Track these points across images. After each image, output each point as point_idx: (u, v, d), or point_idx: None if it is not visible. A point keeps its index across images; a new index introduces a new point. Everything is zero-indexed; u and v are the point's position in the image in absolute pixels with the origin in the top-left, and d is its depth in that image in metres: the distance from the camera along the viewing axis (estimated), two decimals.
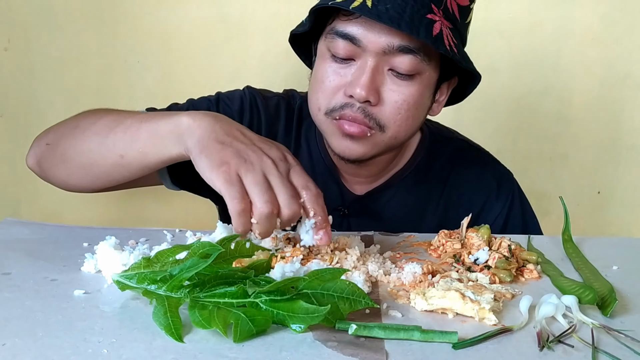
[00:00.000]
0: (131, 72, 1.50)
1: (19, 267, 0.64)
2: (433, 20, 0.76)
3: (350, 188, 0.97)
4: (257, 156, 0.65)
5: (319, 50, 0.85)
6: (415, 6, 0.76)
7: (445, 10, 0.79)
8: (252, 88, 1.00)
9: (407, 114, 0.82)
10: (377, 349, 0.49)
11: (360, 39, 0.78)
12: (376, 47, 0.78)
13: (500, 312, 0.57)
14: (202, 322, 0.50)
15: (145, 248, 0.68)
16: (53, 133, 0.85)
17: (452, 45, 0.78)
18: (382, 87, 0.80)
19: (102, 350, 0.47)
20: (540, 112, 1.54)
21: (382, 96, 0.80)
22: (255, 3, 1.46)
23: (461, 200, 0.97)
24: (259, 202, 0.62)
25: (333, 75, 0.82)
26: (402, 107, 0.81)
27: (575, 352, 0.50)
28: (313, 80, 0.86)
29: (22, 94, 1.51)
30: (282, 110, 0.98)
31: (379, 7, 0.74)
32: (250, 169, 0.63)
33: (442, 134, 1.02)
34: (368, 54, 0.78)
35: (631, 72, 1.50)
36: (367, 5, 0.74)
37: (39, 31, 1.47)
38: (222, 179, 0.62)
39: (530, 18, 1.48)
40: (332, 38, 0.80)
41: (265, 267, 0.60)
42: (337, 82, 0.81)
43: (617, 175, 1.58)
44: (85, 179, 0.81)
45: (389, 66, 0.79)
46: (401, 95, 0.80)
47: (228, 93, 0.98)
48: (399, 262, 0.69)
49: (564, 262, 0.73)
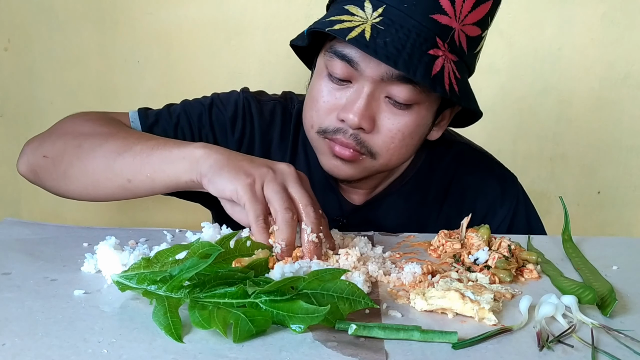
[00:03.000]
0: (131, 72, 1.50)
1: (19, 267, 0.64)
2: (435, 56, 0.74)
3: (349, 198, 0.95)
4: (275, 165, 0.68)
5: (317, 65, 0.84)
6: (417, 40, 0.73)
7: (452, 43, 0.76)
8: (248, 92, 0.97)
9: (401, 143, 0.81)
10: (377, 349, 0.49)
11: (359, 63, 0.76)
12: (374, 74, 0.76)
13: (500, 312, 0.57)
14: (202, 322, 0.50)
15: (145, 248, 0.68)
16: (51, 145, 0.83)
17: (453, 83, 0.75)
18: (378, 114, 0.78)
19: (102, 350, 0.47)
20: (540, 112, 1.54)
21: (376, 123, 0.79)
22: (255, 3, 1.46)
23: (464, 206, 0.94)
24: (281, 209, 0.64)
25: (328, 95, 0.80)
26: (396, 136, 0.80)
27: (575, 352, 0.50)
28: (308, 95, 0.85)
29: (22, 94, 1.51)
30: (277, 115, 0.96)
31: (377, 40, 0.72)
32: (271, 178, 0.66)
33: (444, 137, 0.98)
34: (365, 79, 0.77)
35: (631, 72, 1.51)
36: (365, 37, 0.72)
37: (39, 31, 1.47)
38: (249, 193, 0.65)
39: (530, 18, 1.48)
40: (330, 57, 0.78)
41: (265, 267, 0.60)
42: (332, 104, 0.80)
43: (617, 175, 1.58)
44: (87, 195, 0.82)
45: (385, 94, 0.78)
46: (396, 125, 0.79)
47: (223, 96, 0.96)
48: (399, 262, 0.69)
49: (564, 262, 0.72)
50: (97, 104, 1.52)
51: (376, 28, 0.72)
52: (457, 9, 0.75)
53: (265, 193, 0.65)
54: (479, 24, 0.78)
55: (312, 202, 0.67)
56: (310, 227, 0.65)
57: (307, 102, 0.85)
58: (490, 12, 0.80)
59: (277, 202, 0.64)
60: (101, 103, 1.51)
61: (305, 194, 0.67)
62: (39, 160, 0.83)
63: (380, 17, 0.73)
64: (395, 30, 0.73)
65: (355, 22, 0.73)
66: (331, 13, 0.78)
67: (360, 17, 0.74)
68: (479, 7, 0.77)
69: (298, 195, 0.66)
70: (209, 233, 0.70)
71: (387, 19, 0.73)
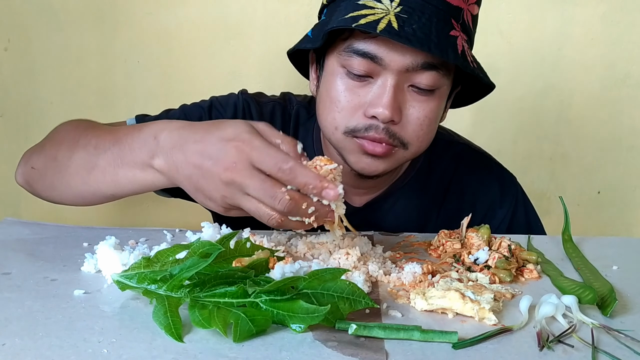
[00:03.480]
0: (131, 72, 1.50)
1: (19, 267, 0.64)
2: (455, 37, 0.75)
3: (349, 200, 0.94)
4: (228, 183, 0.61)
5: (329, 66, 0.82)
6: (439, 24, 0.74)
7: (463, 23, 0.77)
8: (247, 93, 0.97)
9: (428, 128, 0.81)
10: (377, 348, 0.49)
11: (383, 58, 0.75)
12: (399, 66, 0.75)
13: (500, 312, 0.57)
14: (202, 322, 0.50)
15: (145, 248, 0.68)
16: (37, 157, 0.83)
17: (472, 60, 0.76)
18: (404, 104, 0.78)
19: (102, 350, 0.47)
20: (540, 112, 1.54)
21: (403, 113, 0.78)
22: (255, 3, 1.46)
23: (464, 206, 0.94)
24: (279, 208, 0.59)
25: (350, 94, 0.79)
26: (424, 123, 0.80)
27: (575, 352, 0.50)
28: (325, 98, 0.82)
29: (22, 94, 1.51)
30: (277, 117, 0.95)
31: (405, 28, 0.71)
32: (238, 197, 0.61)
33: (443, 137, 0.99)
34: (389, 72, 0.76)
35: (631, 72, 1.51)
36: (394, 27, 0.71)
37: (39, 31, 1.47)
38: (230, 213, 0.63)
39: (530, 18, 1.48)
40: (349, 56, 0.77)
41: (265, 267, 0.60)
42: (356, 102, 0.78)
43: (617, 175, 1.58)
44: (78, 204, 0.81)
45: (409, 83, 0.77)
46: (423, 112, 0.79)
47: (222, 98, 0.96)
48: (399, 262, 0.69)
49: (564, 262, 0.72)
50: (97, 104, 1.52)
51: (400, 17, 0.72)
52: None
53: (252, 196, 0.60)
54: (478, 2, 0.81)
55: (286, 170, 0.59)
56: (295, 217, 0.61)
57: (324, 105, 0.82)
58: None
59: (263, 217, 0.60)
60: (101, 103, 1.51)
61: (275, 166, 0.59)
62: (29, 172, 0.84)
63: (400, 7, 0.73)
64: (417, 17, 0.73)
65: (379, 14, 0.73)
66: (345, 10, 0.76)
67: (382, 8, 0.73)
68: None
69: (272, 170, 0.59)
70: (209, 233, 0.70)
71: (407, 7, 0.73)
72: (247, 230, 0.76)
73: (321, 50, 0.83)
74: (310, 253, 0.71)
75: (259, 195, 0.60)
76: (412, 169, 0.95)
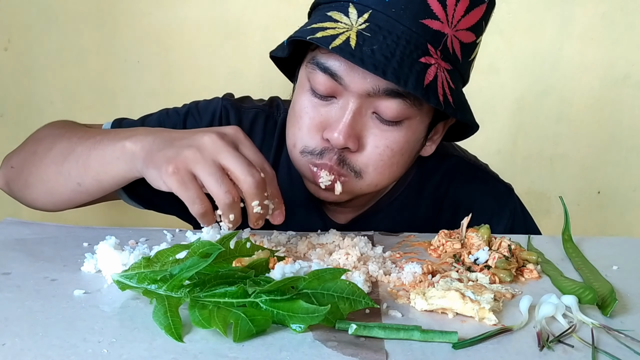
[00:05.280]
0: (131, 72, 1.50)
1: (19, 267, 0.64)
2: (427, 64, 0.68)
3: (334, 217, 0.90)
4: (199, 142, 0.62)
5: (300, 78, 0.78)
6: (407, 48, 0.67)
7: (445, 50, 0.70)
8: (229, 99, 0.92)
9: (390, 161, 0.75)
10: (377, 349, 0.49)
11: (343, 77, 0.70)
12: (359, 89, 0.70)
13: (500, 312, 0.57)
14: (202, 322, 0.50)
15: (145, 248, 0.68)
16: (17, 155, 0.83)
17: (447, 94, 0.69)
18: (364, 131, 0.73)
19: (102, 350, 0.47)
20: (540, 112, 1.54)
21: (362, 141, 0.73)
22: (255, 3, 1.46)
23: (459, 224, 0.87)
24: (219, 193, 0.60)
25: (313, 111, 0.74)
26: (384, 153, 0.74)
27: (575, 352, 0.50)
28: (291, 110, 0.78)
29: (22, 94, 1.51)
30: (258, 125, 0.90)
31: (363, 48, 0.65)
32: (198, 159, 0.61)
33: (435, 150, 0.88)
34: (350, 95, 0.71)
35: (631, 72, 1.51)
36: (350, 45, 0.65)
37: (39, 31, 1.47)
38: (175, 181, 0.61)
39: (530, 18, 1.48)
40: (313, 69, 0.73)
41: (265, 267, 0.60)
42: (317, 121, 0.74)
43: (617, 175, 1.58)
44: (49, 203, 0.81)
45: (373, 109, 0.72)
46: (384, 141, 0.73)
47: (202, 104, 0.91)
48: (399, 262, 0.69)
49: (564, 262, 0.72)
50: (96, 104, 1.52)
51: (362, 35, 0.67)
52: (450, 13, 0.69)
53: (199, 177, 0.61)
54: (472, 29, 0.73)
55: (247, 168, 0.61)
56: (255, 200, 0.61)
57: (289, 118, 0.79)
58: (485, 16, 0.74)
59: (212, 186, 0.60)
60: (101, 103, 1.51)
61: (238, 162, 0.61)
62: (8, 172, 0.84)
63: (366, 24, 0.68)
64: (383, 37, 0.67)
65: (339, 29, 0.68)
66: (313, 20, 0.73)
67: (345, 23, 0.68)
68: (473, 11, 0.72)
69: (232, 165, 0.61)
70: (209, 233, 0.69)
71: (374, 25, 0.68)
72: (247, 231, 0.76)
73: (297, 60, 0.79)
74: (310, 253, 0.71)
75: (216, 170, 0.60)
76: (402, 185, 0.90)
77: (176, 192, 0.61)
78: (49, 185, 0.78)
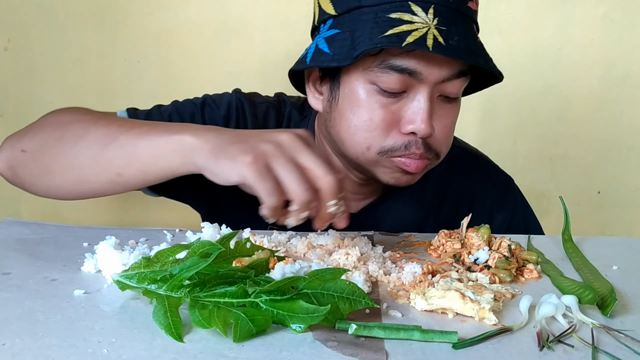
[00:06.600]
0: (131, 72, 1.50)
1: (19, 267, 0.64)
2: (481, 42, 0.76)
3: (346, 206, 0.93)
4: (277, 138, 0.63)
5: (351, 83, 0.77)
6: (470, 31, 0.74)
7: (476, 23, 0.78)
8: (241, 93, 0.94)
9: (451, 134, 0.81)
10: (377, 349, 0.49)
11: (421, 72, 0.73)
12: (436, 78, 0.74)
13: (500, 312, 0.57)
14: (202, 322, 0.50)
15: (145, 248, 0.68)
16: (30, 139, 0.78)
17: None
18: (433, 114, 0.76)
19: (102, 350, 0.47)
20: (540, 112, 1.54)
21: (434, 125, 0.77)
22: (255, 3, 1.46)
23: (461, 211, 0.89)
24: (299, 190, 0.60)
25: (384, 112, 0.76)
26: (450, 130, 0.80)
27: (575, 352, 0.50)
28: (350, 116, 0.78)
29: (22, 94, 1.51)
30: (271, 118, 0.92)
31: (450, 42, 0.70)
32: (277, 154, 0.62)
33: None
34: (424, 85, 0.74)
35: (631, 72, 1.51)
36: (441, 42, 0.69)
37: (39, 31, 1.47)
38: (253, 171, 0.60)
39: (530, 18, 1.48)
40: (384, 72, 0.74)
41: (265, 267, 0.60)
42: (390, 119, 0.76)
43: (617, 175, 1.58)
44: (71, 192, 0.77)
45: (439, 93, 0.77)
46: (448, 119, 0.79)
47: (215, 96, 0.93)
48: (399, 262, 0.69)
49: (564, 262, 0.72)
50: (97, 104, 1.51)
51: (441, 30, 0.71)
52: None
53: (275, 172, 0.61)
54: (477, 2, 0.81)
55: (328, 170, 0.63)
56: (332, 200, 0.63)
57: (348, 124, 0.78)
58: None
59: (293, 182, 0.61)
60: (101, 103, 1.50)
61: (319, 163, 0.62)
62: (17, 156, 0.78)
63: (436, 18, 0.71)
64: (454, 28, 0.72)
65: (421, 28, 0.70)
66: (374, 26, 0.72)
67: (421, 22, 0.71)
68: None
69: (311, 165, 0.62)
70: (209, 233, 0.70)
71: (442, 18, 0.72)
72: (247, 231, 0.76)
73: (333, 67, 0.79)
74: (309, 253, 0.71)
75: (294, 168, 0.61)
76: None
77: (252, 182, 0.61)
78: (80, 173, 0.73)
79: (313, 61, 0.77)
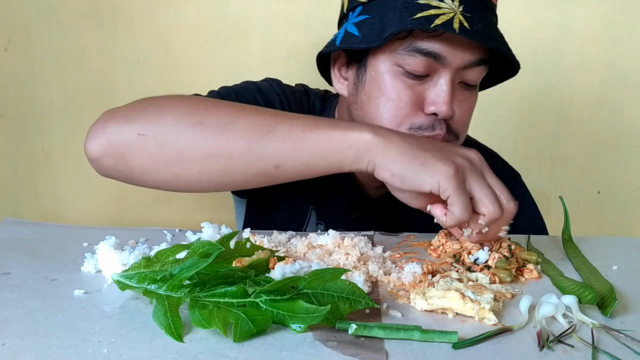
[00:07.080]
0: (131, 72, 1.50)
1: (19, 267, 0.64)
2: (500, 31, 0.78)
3: (366, 192, 0.94)
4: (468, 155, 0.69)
5: (378, 65, 0.79)
6: (493, 20, 0.78)
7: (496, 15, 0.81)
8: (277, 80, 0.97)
9: (469, 120, 0.84)
10: (377, 349, 0.49)
11: (446, 56, 0.76)
12: (459, 63, 0.77)
13: (500, 312, 0.57)
14: (202, 322, 0.50)
15: (145, 248, 0.68)
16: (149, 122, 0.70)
17: None
18: (454, 99, 0.79)
19: (102, 350, 0.47)
20: (540, 112, 1.54)
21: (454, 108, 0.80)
22: (255, 3, 1.46)
23: None
24: (493, 208, 0.66)
25: (411, 92, 0.78)
26: (469, 115, 0.83)
27: (575, 352, 0.50)
28: (379, 96, 0.80)
29: (22, 94, 1.51)
30: (304, 105, 0.96)
31: (474, 27, 0.73)
32: (472, 170, 0.67)
33: None
34: (448, 69, 0.77)
35: (631, 72, 1.50)
36: (466, 26, 0.72)
37: (39, 31, 1.47)
38: (454, 183, 0.64)
39: (530, 18, 1.48)
40: (410, 55, 0.76)
41: (265, 267, 0.60)
42: (415, 100, 0.79)
43: (617, 175, 1.58)
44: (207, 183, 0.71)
45: (460, 79, 0.79)
46: (467, 105, 0.82)
47: (260, 84, 0.95)
48: (399, 262, 0.69)
49: (564, 262, 0.73)
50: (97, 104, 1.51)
51: (466, 16, 0.74)
52: None
53: (470, 186, 0.66)
54: None
55: (511, 195, 0.68)
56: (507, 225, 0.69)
57: (377, 103, 0.80)
58: None
59: (489, 199, 0.66)
60: (101, 103, 1.50)
61: (503, 187, 0.69)
62: (131, 139, 0.69)
63: (461, 5, 0.74)
64: (478, 15, 0.75)
65: (448, 13, 0.73)
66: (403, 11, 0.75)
67: (448, 7, 0.74)
68: None
69: (498, 187, 0.68)
70: (209, 233, 0.70)
71: (467, 6, 0.75)
72: (247, 231, 0.76)
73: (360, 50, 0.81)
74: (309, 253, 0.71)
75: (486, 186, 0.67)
76: None
77: (452, 193, 0.65)
78: (228, 162, 0.69)
79: (343, 43, 0.80)
